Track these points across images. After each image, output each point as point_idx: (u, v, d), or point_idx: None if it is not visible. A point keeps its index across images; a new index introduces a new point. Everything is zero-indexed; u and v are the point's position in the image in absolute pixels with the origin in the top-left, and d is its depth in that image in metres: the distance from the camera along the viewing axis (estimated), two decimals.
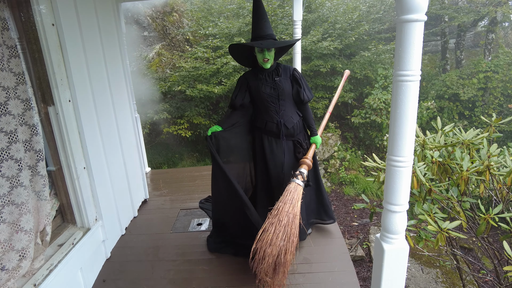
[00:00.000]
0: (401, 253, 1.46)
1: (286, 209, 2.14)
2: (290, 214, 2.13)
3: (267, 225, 2.11)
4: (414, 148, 2.93)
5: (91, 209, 2.51)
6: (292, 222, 2.11)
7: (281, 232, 2.06)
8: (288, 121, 2.53)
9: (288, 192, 2.24)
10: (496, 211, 2.18)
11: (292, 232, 2.09)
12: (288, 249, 2.06)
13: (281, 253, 2.04)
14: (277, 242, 2.03)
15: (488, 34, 7.89)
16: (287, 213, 2.12)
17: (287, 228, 2.08)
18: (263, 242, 2.06)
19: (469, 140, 2.66)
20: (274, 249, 2.02)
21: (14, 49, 1.95)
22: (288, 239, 2.06)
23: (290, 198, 2.20)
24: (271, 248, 2.03)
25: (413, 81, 1.25)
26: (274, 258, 2.03)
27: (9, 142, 1.87)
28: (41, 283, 1.91)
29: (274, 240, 2.04)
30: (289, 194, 2.22)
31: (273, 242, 2.03)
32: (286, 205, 2.16)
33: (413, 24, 1.20)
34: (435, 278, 4.62)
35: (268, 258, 2.02)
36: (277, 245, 2.03)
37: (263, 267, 2.04)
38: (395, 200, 1.39)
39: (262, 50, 2.35)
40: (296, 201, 2.20)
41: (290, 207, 2.15)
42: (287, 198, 2.20)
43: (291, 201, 2.18)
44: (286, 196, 2.22)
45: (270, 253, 2.02)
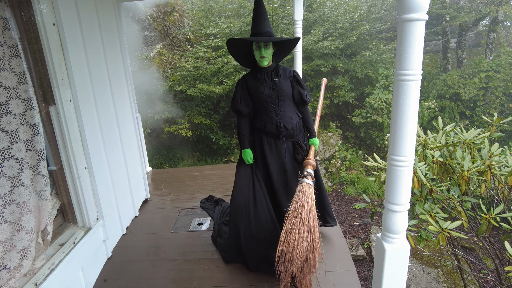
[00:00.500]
0: (402, 253, 1.46)
1: (305, 209, 2.08)
2: (310, 214, 2.06)
3: (289, 226, 2.03)
4: (416, 148, 2.94)
5: (92, 208, 2.52)
6: (313, 220, 2.04)
7: (305, 232, 1.98)
8: (287, 122, 2.53)
9: (302, 193, 2.17)
10: (498, 211, 2.17)
11: (316, 231, 2.02)
12: (315, 248, 1.98)
13: (309, 253, 1.97)
14: (304, 243, 1.95)
15: (490, 33, 7.87)
16: (307, 213, 2.06)
17: (311, 227, 2.00)
18: (290, 243, 1.97)
19: (470, 139, 2.65)
20: (302, 250, 1.94)
21: (15, 48, 1.96)
22: (313, 238, 1.99)
23: (306, 198, 2.14)
24: (299, 249, 1.94)
25: (414, 81, 1.25)
26: (303, 258, 1.95)
27: (10, 142, 1.88)
28: (42, 283, 1.92)
29: (300, 241, 1.95)
30: (304, 194, 2.16)
31: (299, 243, 1.95)
32: (305, 205, 2.09)
33: (414, 23, 1.20)
34: (436, 278, 4.61)
35: (297, 259, 1.93)
36: (304, 246, 1.95)
37: (292, 269, 1.95)
38: (396, 199, 1.39)
39: (259, 47, 2.35)
40: (311, 201, 2.14)
41: (308, 207, 2.09)
42: (304, 198, 2.13)
43: (308, 201, 2.12)
44: (302, 197, 2.15)
45: (298, 254, 1.94)
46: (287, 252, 1.96)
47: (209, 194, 3.74)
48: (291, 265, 1.94)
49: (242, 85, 2.52)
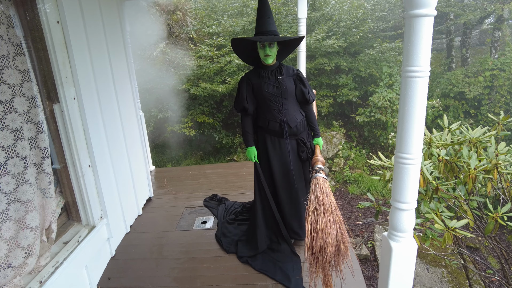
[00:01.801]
0: (409, 252, 1.44)
1: (326, 200, 2.00)
2: (332, 204, 1.99)
3: (313, 217, 1.94)
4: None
5: (96, 207, 2.52)
6: (336, 210, 1.96)
7: (331, 222, 1.89)
8: (291, 120, 2.51)
9: (319, 186, 2.09)
10: (505, 210, 2.15)
11: (341, 220, 1.93)
12: (344, 237, 1.89)
13: (339, 241, 1.87)
14: (333, 231, 1.86)
15: (495, 31, 7.80)
16: (329, 202, 1.99)
17: (335, 217, 1.92)
18: (318, 233, 1.87)
19: (476, 138, 2.62)
20: (332, 238, 1.85)
21: (19, 46, 1.95)
22: (340, 228, 1.90)
23: (325, 190, 2.06)
24: (329, 238, 1.85)
25: (421, 77, 1.23)
26: (334, 248, 1.86)
27: (14, 140, 1.88)
28: (47, 281, 1.92)
29: (328, 230, 1.86)
30: (321, 187, 2.08)
31: (328, 232, 1.85)
32: (324, 196, 2.02)
33: (422, 19, 1.18)
34: (441, 278, 4.58)
35: (330, 247, 1.84)
36: (333, 234, 1.86)
37: (326, 258, 1.84)
38: (403, 197, 1.37)
39: (264, 45, 2.34)
40: (330, 193, 2.06)
41: (328, 198, 2.01)
42: (322, 190, 2.05)
43: (327, 192, 2.04)
44: (320, 189, 2.06)
45: (330, 242, 1.84)
46: (316, 243, 1.87)
47: (213, 192, 3.74)
48: (323, 255, 1.85)
49: (247, 82, 2.51)
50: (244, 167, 4.64)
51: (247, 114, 2.57)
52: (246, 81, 2.51)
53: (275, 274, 2.45)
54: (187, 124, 6.96)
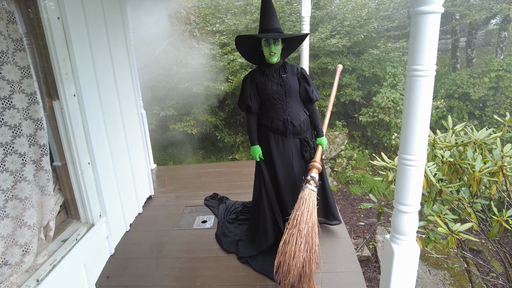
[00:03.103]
0: (411, 255, 1.41)
1: (304, 218, 2.09)
2: (309, 223, 2.08)
3: (288, 237, 2.07)
4: None
5: (96, 204, 2.50)
6: (312, 230, 2.07)
7: (302, 244, 2.01)
8: (295, 119, 2.48)
9: (303, 200, 2.18)
10: (510, 214, 2.11)
11: (314, 241, 2.05)
12: (311, 259, 2.02)
13: (305, 264, 2.00)
14: (300, 254, 2.00)
15: (501, 32, 7.71)
16: (306, 223, 2.07)
17: (308, 238, 2.04)
18: (286, 255, 2.02)
19: (481, 139, 2.58)
20: (298, 261, 1.99)
21: (19, 42, 1.93)
22: (310, 249, 2.02)
23: (307, 205, 2.14)
24: (295, 260, 1.99)
25: (427, 76, 1.19)
26: (299, 270, 1.99)
27: (13, 136, 1.86)
28: (44, 279, 1.90)
29: (297, 252, 2.00)
30: (305, 202, 2.16)
31: (296, 255, 1.99)
32: (304, 214, 2.11)
33: (429, 16, 1.14)
34: (443, 280, 4.54)
35: (293, 271, 1.99)
36: (300, 257, 2.00)
37: (289, 280, 2.01)
38: (406, 200, 1.34)
39: (269, 43, 2.31)
40: (312, 208, 2.15)
41: (308, 216, 2.10)
42: (304, 206, 2.14)
43: (308, 209, 2.13)
44: (302, 204, 2.15)
45: (294, 265, 1.99)
46: (284, 263, 2.02)
47: (214, 191, 3.72)
48: (287, 276, 2.00)
49: (251, 80, 2.49)
50: (246, 166, 4.61)
51: (251, 113, 2.55)
52: (250, 79, 2.49)
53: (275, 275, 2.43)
54: (189, 122, 6.94)
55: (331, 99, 2.82)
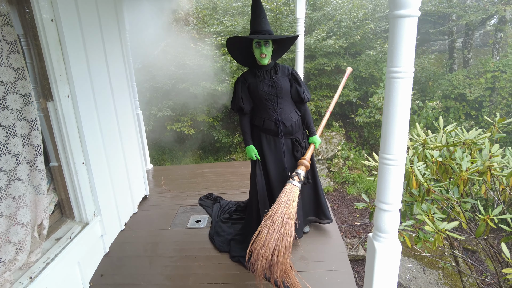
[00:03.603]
0: (392, 252, 1.45)
1: (280, 210, 2.14)
2: (285, 215, 2.12)
3: (262, 227, 2.12)
4: (416, 148, 2.91)
5: (90, 204, 2.54)
6: (286, 223, 2.11)
7: (274, 233, 2.06)
8: (286, 119, 2.52)
9: (283, 194, 2.24)
10: (496, 212, 2.14)
11: (286, 232, 2.09)
12: (281, 250, 2.05)
13: (274, 254, 2.04)
14: (270, 243, 2.04)
15: (497, 33, 7.75)
16: (281, 214, 2.12)
17: (281, 230, 2.08)
18: (257, 244, 2.07)
19: (470, 140, 2.61)
20: (267, 251, 2.03)
21: (13, 44, 1.97)
22: (281, 240, 2.06)
23: (285, 199, 2.20)
24: (264, 249, 2.03)
25: (405, 78, 1.23)
26: (268, 259, 2.03)
27: (7, 137, 1.90)
28: (37, 276, 1.93)
29: (267, 241, 2.04)
30: (285, 195, 2.22)
31: (266, 243, 2.03)
32: (281, 206, 2.16)
33: (406, 19, 1.18)
34: (437, 280, 4.57)
35: (262, 259, 2.03)
36: (270, 246, 2.03)
37: (258, 268, 2.05)
38: (386, 198, 1.37)
39: (260, 45, 2.35)
40: (291, 201, 2.19)
41: (284, 208, 2.15)
42: (282, 199, 2.20)
43: (286, 202, 2.18)
44: (281, 197, 2.22)
45: (263, 254, 2.03)
46: (254, 251, 2.08)
47: (209, 191, 3.75)
48: (256, 264, 2.05)
49: (242, 82, 2.53)
50: (242, 166, 4.65)
51: (244, 114, 2.59)
52: (242, 81, 2.54)
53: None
54: (186, 123, 6.98)
55: (333, 101, 2.82)
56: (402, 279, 4.68)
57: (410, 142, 2.97)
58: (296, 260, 2.58)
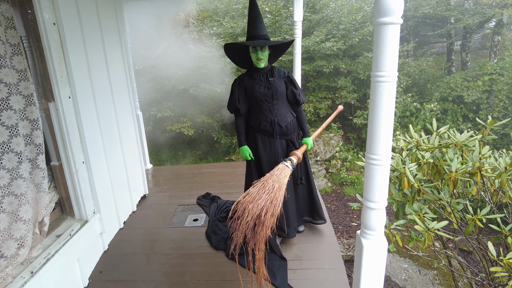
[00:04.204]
0: (379, 249, 1.50)
1: (272, 178, 2.17)
2: (276, 184, 2.13)
3: (251, 189, 2.11)
4: (410, 149, 2.97)
5: (89, 202, 2.60)
6: (277, 190, 2.10)
7: (264, 194, 2.04)
8: (281, 120, 2.59)
9: (276, 169, 2.30)
10: (484, 213, 2.20)
11: (276, 197, 2.06)
12: (269, 211, 2.00)
13: (262, 212, 1.99)
14: (260, 201, 2.00)
15: (494, 36, 7.82)
16: (273, 181, 2.14)
17: (271, 194, 2.06)
18: (245, 200, 2.04)
19: (462, 141, 2.67)
20: (256, 207, 1.98)
21: (17, 47, 2.04)
22: (270, 202, 2.03)
23: (278, 173, 2.23)
24: (252, 205, 1.99)
25: (388, 82, 1.29)
26: (254, 216, 1.98)
27: (10, 136, 1.96)
28: (38, 271, 2.00)
29: (256, 198, 2.01)
30: (278, 170, 2.27)
31: (255, 200, 2.00)
32: (273, 177, 2.19)
33: (389, 26, 1.24)
34: (432, 280, 4.62)
35: (248, 215, 1.97)
36: (259, 204, 2.00)
37: (242, 224, 1.98)
38: (372, 197, 1.43)
39: (256, 49, 2.42)
40: (283, 176, 2.21)
41: (276, 178, 2.17)
42: (275, 172, 2.25)
43: (278, 175, 2.21)
44: (274, 171, 2.27)
45: (251, 209, 1.98)
46: (241, 205, 2.04)
47: (206, 191, 3.82)
48: (240, 219, 1.99)
49: (239, 84, 2.61)
50: (240, 166, 4.71)
51: (240, 115, 2.66)
52: (238, 83, 2.61)
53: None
54: (186, 123, 7.05)
55: (319, 129, 2.87)
56: (398, 279, 4.73)
57: (403, 144, 3.03)
58: (290, 258, 2.64)
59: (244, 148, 2.69)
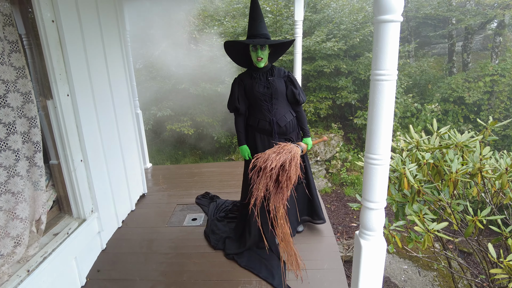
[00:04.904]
0: (378, 250, 1.49)
1: (289, 145, 2.16)
2: (293, 149, 2.12)
3: (268, 150, 2.10)
4: (410, 150, 2.95)
5: (87, 201, 2.59)
6: (294, 154, 2.08)
7: (285, 151, 2.04)
8: (280, 120, 2.57)
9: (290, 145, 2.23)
10: (484, 214, 2.18)
11: (294, 155, 2.06)
12: (293, 161, 1.99)
13: (286, 162, 1.98)
14: (282, 155, 1.99)
15: (496, 37, 7.79)
16: (291, 145, 2.14)
17: (289, 154, 2.06)
18: (267, 153, 2.02)
19: (462, 142, 2.66)
20: (279, 158, 1.97)
21: (15, 44, 2.03)
22: (292, 158, 2.02)
23: (290, 147, 2.19)
24: (278, 156, 1.98)
25: (388, 81, 1.27)
26: (278, 164, 1.96)
27: (7, 133, 1.95)
28: (34, 270, 1.98)
29: (279, 153, 2.00)
30: (292, 147, 2.21)
31: (278, 153, 1.99)
32: (288, 144, 2.18)
33: (389, 24, 1.23)
34: (432, 281, 4.60)
35: (272, 162, 1.95)
36: (282, 157, 1.98)
37: (265, 173, 1.95)
38: (372, 197, 1.42)
39: (256, 48, 2.40)
40: (296, 150, 2.16)
41: (290, 147, 2.15)
42: (289, 145, 2.20)
43: (290, 150, 2.16)
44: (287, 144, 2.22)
45: (274, 159, 1.96)
46: (264, 154, 2.04)
47: (206, 191, 3.80)
48: (264, 168, 1.97)
49: (239, 83, 2.60)
50: (239, 166, 4.70)
51: (239, 114, 2.65)
52: (238, 82, 2.60)
53: (260, 271, 2.50)
54: (186, 123, 7.03)
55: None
56: (398, 280, 4.71)
57: (403, 144, 3.02)
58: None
59: (244, 147, 2.68)
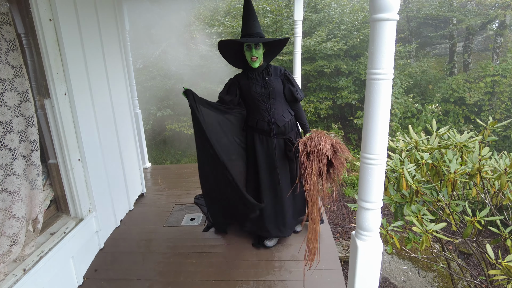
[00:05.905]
0: (374, 250, 1.48)
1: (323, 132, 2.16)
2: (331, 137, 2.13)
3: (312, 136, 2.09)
4: (409, 150, 2.94)
5: (85, 200, 2.58)
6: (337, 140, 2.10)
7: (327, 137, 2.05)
8: (279, 120, 2.57)
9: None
10: (483, 214, 2.17)
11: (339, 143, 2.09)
12: (337, 144, 2.01)
13: (334, 144, 2.01)
14: (328, 140, 2.00)
15: (497, 37, 7.77)
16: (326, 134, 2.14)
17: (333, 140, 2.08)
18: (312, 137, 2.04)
19: (461, 142, 2.65)
20: (327, 142, 2.00)
21: (12, 43, 2.02)
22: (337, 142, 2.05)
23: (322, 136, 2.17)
24: (327, 139, 1.99)
25: (384, 80, 1.26)
26: (329, 142, 1.97)
27: (4, 132, 1.94)
28: (31, 269, 1.98)
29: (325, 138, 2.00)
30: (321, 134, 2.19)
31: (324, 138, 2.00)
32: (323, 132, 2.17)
33: (385, 23, 1.22)
34: (432, 282, 4.58)
35: (327, 142, 1.97)
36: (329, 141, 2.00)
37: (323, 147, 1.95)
38: (368, 197, 1.41)
39: (250, 48, 2.39)
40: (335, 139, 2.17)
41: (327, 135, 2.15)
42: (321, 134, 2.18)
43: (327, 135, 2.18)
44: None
45: (324, 142, 1.97)
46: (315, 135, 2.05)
47: None
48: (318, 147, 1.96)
49: (234, 82, 2.61)
50: None
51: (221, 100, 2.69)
52: (233, 81, 2.61)
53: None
54: (186, 122, 7.03)
55: None
56: (397, 281, 4.70)
57: (402, 144, 3.00)
58: (287, 259, 2.62)
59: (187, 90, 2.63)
